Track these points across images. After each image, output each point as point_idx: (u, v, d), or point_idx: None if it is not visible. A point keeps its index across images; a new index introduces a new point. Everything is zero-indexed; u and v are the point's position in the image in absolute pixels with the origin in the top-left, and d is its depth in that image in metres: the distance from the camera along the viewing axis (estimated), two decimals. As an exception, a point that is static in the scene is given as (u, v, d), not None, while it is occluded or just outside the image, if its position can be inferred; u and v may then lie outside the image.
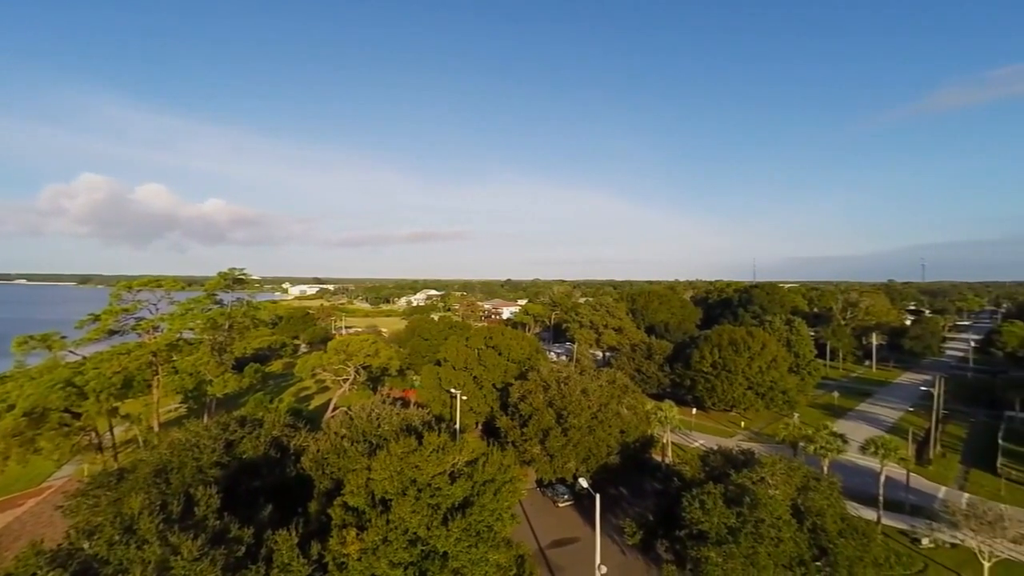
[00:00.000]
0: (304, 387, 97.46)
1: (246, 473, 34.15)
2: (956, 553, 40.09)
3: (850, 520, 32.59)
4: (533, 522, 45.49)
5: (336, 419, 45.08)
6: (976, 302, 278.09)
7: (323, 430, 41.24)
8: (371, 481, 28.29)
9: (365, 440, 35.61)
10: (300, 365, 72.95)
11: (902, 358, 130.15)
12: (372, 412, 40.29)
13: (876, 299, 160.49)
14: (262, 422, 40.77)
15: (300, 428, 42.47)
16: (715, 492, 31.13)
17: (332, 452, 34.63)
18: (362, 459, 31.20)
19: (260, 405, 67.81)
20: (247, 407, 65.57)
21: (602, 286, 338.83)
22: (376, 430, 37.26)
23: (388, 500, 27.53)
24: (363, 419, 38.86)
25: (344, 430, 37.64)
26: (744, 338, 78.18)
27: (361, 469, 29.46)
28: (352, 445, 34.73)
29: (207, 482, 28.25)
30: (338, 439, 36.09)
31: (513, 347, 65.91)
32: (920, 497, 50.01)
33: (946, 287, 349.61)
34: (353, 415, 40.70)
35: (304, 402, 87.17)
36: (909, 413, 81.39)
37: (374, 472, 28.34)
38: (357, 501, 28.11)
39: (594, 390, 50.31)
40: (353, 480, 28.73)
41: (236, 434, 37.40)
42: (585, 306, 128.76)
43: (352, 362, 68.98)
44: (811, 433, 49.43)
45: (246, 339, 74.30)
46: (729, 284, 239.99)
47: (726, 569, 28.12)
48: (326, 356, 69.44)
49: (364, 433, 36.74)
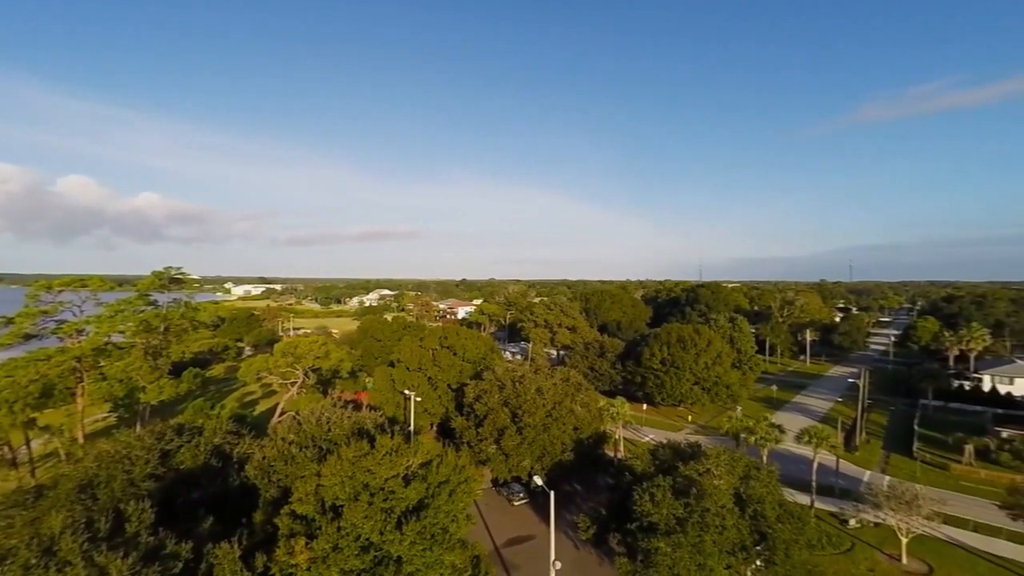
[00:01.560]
0: (249, 392, 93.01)
1: (184, 484, 32.24)
2: (879, 531, 43.45)
3: (787, 506, 34.66)
4: (488, 521, 45.50)
5: (283, 424, 43.29)
6: (896, 300, 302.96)
7: (269, 436, 39.52)
8: (321, 487, 27.39)
9: (314, 445, 34.43)
10: (244, 369, 69.51)
11: (832, 352, 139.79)
12: (322, 416, 39.00)
13: (810, 298, 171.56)
14: (202, 430, 38.58)
15: (244, 435, 40.54)
16: (664, 485, 32.26)
17: (279, 459, 33.26)
18: (311, 465, 30.14)
19: (200, 412, 64.10)
20: (185, 414, 61.86)
21: (556, 286, 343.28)
22: (326, 434, 36.10)
23: (339, 506, 26.75)
24: (312, 423, 37.54)
25: (292, 435, 36.23)
26: (691, 336, 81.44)
27: (310, 475, 28.46)
28: (301, 451, 33.49)
29: (140, 496, 26.43)
30: (285, 445, 34.70)
31: (468, 347, 65.62)
32: (848, 481, 53.82)
33: (870, 286, 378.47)
34: (302, 419, 39.24)
35: (249, 407, 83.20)
36: (838, 403, 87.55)
37: (324, 478, 27.45)
38: (306, 509, 27.14)
39: (548, 388, 50.89)
40: (302, 487, 27.72)
41: (173, 443, 35.21)
42: (540, 305, 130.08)
43: (301, 364, 66.46)
44: (752, 425, 52.20)
45: (184, 342, 69.73)
46: (677, 284, 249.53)
47: (674, 558, 29.20)
48: (272, 359, 66.53)
49: (313, 438, 35.52)
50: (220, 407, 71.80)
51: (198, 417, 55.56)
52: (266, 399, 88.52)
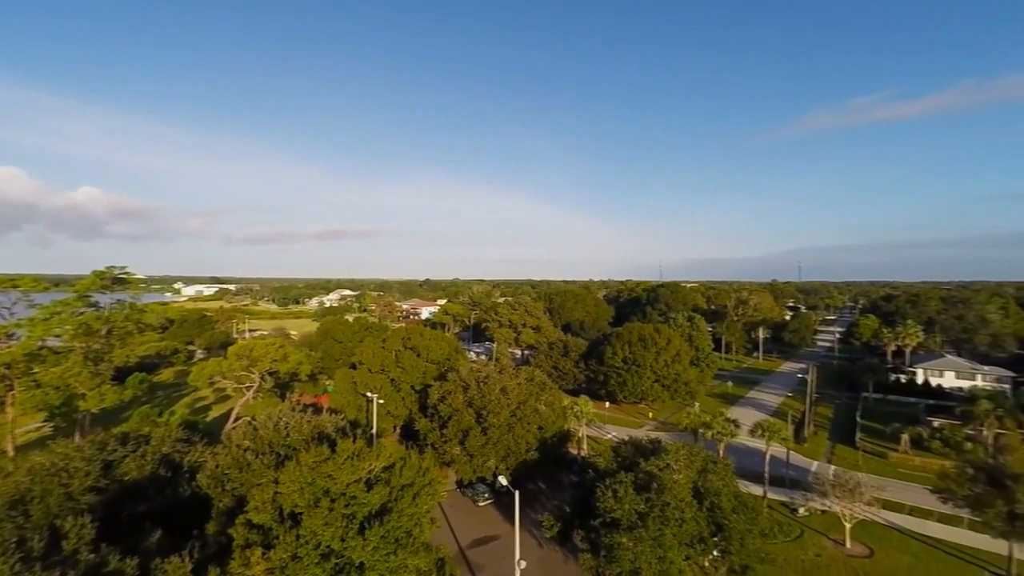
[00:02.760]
0: (200, 397, 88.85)
1: (129, 497, 30.52)
2: (825, 518, 45.86)
3: (742, 497, 36.07)
4: (453, 523, 45.21)
5: (238, 430, 41.60)
6: (840, 299, 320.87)
7: (223, 443, 37.91)
8: (279, 495, 26.51)
9: (272, 451, 33.27)
10: (195, 373, 66.35)
11: (783, 349, 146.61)
12: (280, 421, 37.70)
13: (762, 297, 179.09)
14: (149, 438, 36.64)
15: (195, 443, 38.75)
16: (626, 481, 32.96)
17: (233, 466, 31.96)
18: (268, 472, 29.14)
19: (146, 419, 60.71)
20: (130, 422, 58.44)
21: (521, 286, 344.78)
22: (284, 440, 34.94)
23: (298, 514, 25.96)
24: (269, 429, 36.25)
25: (247, 442, 34.87)
26: (652, 334, 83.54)
27: (267, 483, 27.51)
28: (257, 458, 32.29)
29: (79, 511, 24.84)
30: (240, 452, 33.37)
31: (432, 348, 64.99)
32: (797, 472, 56.53)
33: (817, 286, 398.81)
34: (258, 425, 37.81)
35: (200, 414, 79.48)
36: (789, 398, 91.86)
37: (282, 485, 26.57)
38: (262, 518, 26.20)
39: (513, 388, 51.04)
40: (258, 495, 26.74)
41: (116, 454, 33.27)
42: (504, 305, 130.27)
43: (257, 368, 64.08)
44: (709, 420, 54.06)
45: (129, 346, 65.91)
46: (639, 284, 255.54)
47: (636, 552, 29.87)
48: (226, 362, 63.84)
49: (271, 444, 34.31)
50: (169, 414, 68.28)
51: (145, 425, 52.68)
52: (220, 404, 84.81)
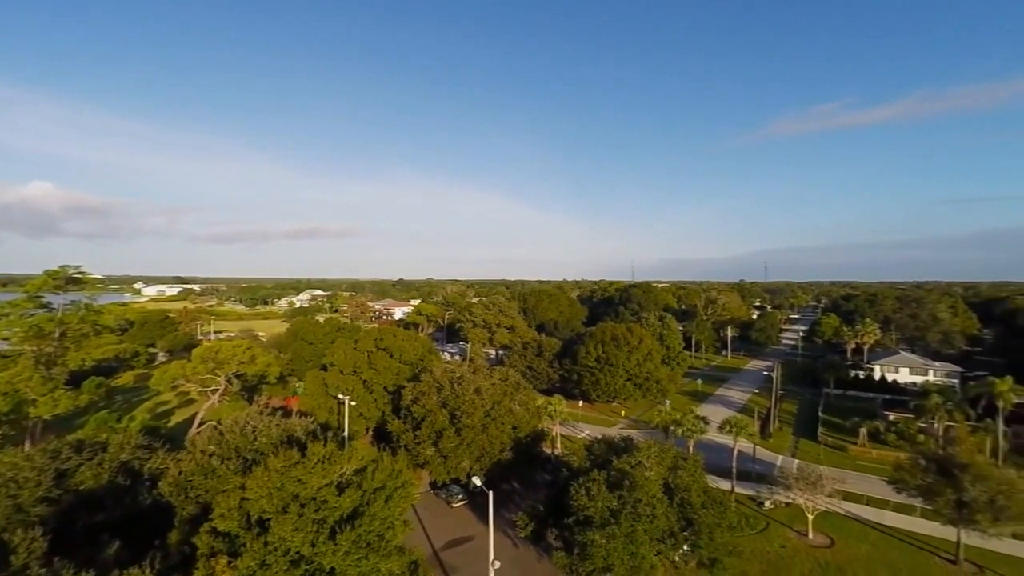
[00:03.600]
0: (163, 401, 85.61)
1: (85, 507, 29.21)
2: (789, 511, 47.45)
3: (710, 492, 37.02)
4: (427, 525, 44.87)
5: (203, 435, 40.29)
6: (804, 299, 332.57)
7: (187, 449, 36.67)
8: (246, 501, 25.79)
9: (238, 456, 32.37)
10: (157, 377, 63.89)
11: (750, 347, 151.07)
12: (247, 425, 36.69)
13: (731, 297, 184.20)
14: (106, 445, 35.15)
15: (157, 449, 37.37)
16: (599, 479, 33.38)
17: (198, 473, 30.94)
18: (235, 477, 28.33)
19: (103, 426, 58.14)
20: (86, 429, 55.86)
21: (495, 286, 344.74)
22: (252, 444, 34.04)
23: (266, 520, 25.32)
24: (236, 433, 35.23)
25: (213, 447, 33.82)
26: (624, 334, 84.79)
27: (233, 489, 26.73)
28: (223, 463, 31.36)
29: (29, 523, 23.66)
30: (205, 458, 32.34)
31: (405, 348, 64.36)
32: (763, 466, 58.32)
33: (782, 286, 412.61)
34: (224, 429, 36.68)
35: (163, 419, 76.60)
36: (755, 395, 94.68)
37: (249, 491, 25.86)
38: (229, 525, 25.45)
39: (487, 389, 51.01)
40: (224, 502, 25.97)
41: (71, 462, 31.80)
42: (478, 306, 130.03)
43: (223, 370, 62.16)
44: (680, 418, 55.28)
45: (84, 349, 62.86)
46: (611, 284, 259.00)
47: (608, 549, 30.29)
48: (190, 365, 61.71)
49: (237, 449, 33.37)
50: (129, 419, 65.67)
51: (102, 431, 50.42)
52: (183, 409, 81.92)
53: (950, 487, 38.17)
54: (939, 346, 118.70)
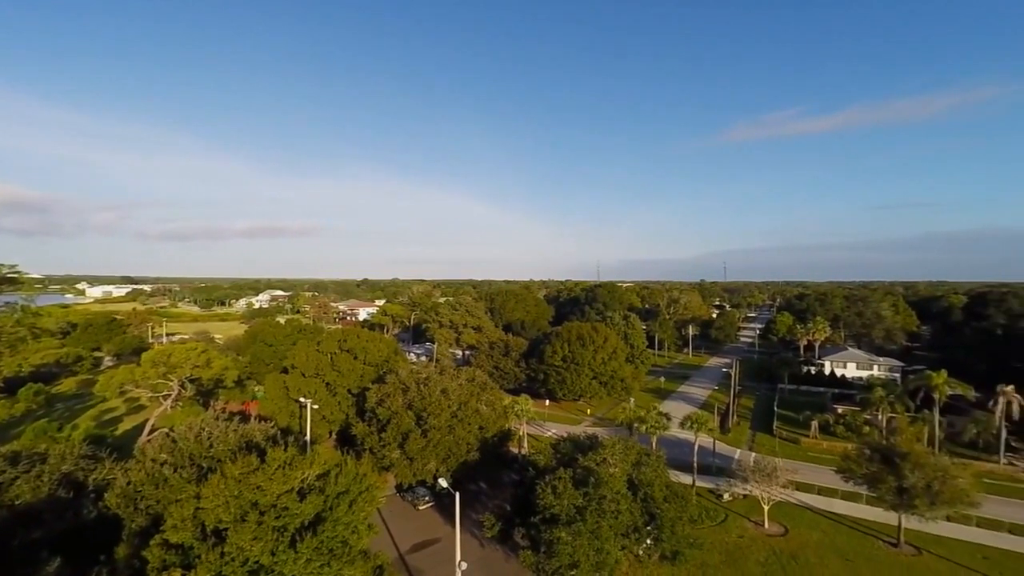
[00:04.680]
0: (109, 408, 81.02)
1: (22, 523, 27.35)
2: (747, 502, 49.31)
3: (673, 487, 38.05)
4: (392, 528, 44.26)
5: (154, 443, 38.34)
6: (760, 298, 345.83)
7: (136, 458, 34.81)
8: (201, 510, 24.78)
9: (193, 464, 31.02)
10: (103, 382, 60.43)
11: (710, 345, 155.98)
12: (202, 431, 35.17)
13: (692, 296, 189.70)
14: (46, 456, 33.03)
15: (103, 459, 35.44)
16: (565, 477, 33.75)
17: (148, 483, 29.49)
18: (189, 486, 27.15)
19: (43, 435, 54.48)
20: (23, 439, 52.23)
21: (462, 286, 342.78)
22: (207, 451, 32.66)
23: (223, 530, 24.39)
24: (190, 440, 33.72)
25: (165, 455, 32.26)
26: (589, 333, 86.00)
27: (187, 498, 25.63)
28: (176, 472, 29.98)
29: (-43, 542, 21.91)
30: (156, 466, 30.84)
31: (370, 350, 63.23)
32: (723, 460, 60.35)
33: (740, 285, 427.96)
34: (177, 436, 35.05)
35: (109, 427, 72.46)
36: (715, 391, 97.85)
37: (204, 500, 24.85)
38: (182, 536, 24.39)
39: (454, 389, 50.74)
40: (176, 512, 24.86)
41: (5, 475, 29.75)
42: (445, 306, 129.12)
43: (176, 375, 59.44)
44: (643, 415, 56.55)
45: (21, 354, 58.95)
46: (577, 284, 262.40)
47: (574, 546, 30.67)
48: (140, 369, 58.69)
49: (192, 456, 31.96)
50: (71, 428, 61.78)
51: (41, 441, 47.24)
52: (132, 416, 77.81)
53: (892, 475, 40.58)
54: (883, 342, 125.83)
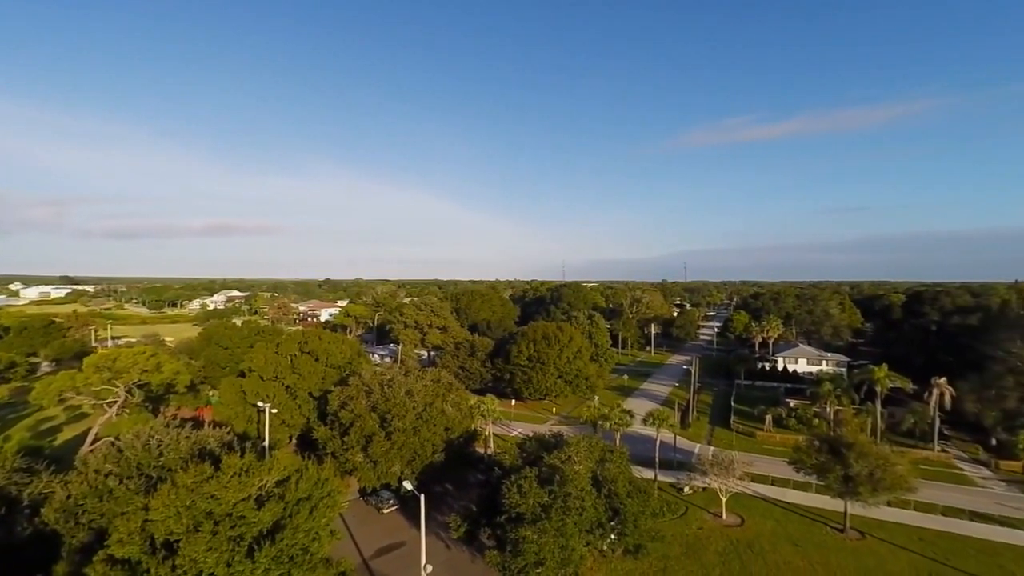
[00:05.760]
0: (47, 417, 75.88)
1: (-55, 543, 25.25)
2: (706, 495, 50.94)
3: (636, 482, 38.92)
4: (356, 533, 43.35)
5: (98, 454, 36.22)
6: (718, 297, 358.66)
7: (77, 470, 32.79)
8: (149, 523, 23.58)
9: (141, 474, 29.51)
10: (40, 390, 56.52)
11: (671, 343, 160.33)
12: (151, 439, 33.50)
13: (654, 296, 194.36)
14: (-27, 471, 30.60)
15: (39, 471, 33.20)
16: (531, 475, 33.96)
17: (91, 495, 27.85)
18: (136, 498, 25.81)
19: (-30, 448, 50.48)
20: (-53, 453, 48.22)
21: (427, 286, 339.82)
22: (157, 460, 31.14)
23: (174, 542, 23.28)
24: (138, 449, 32.06)
25: (110, 466, 30.55)
26: (555, 333, 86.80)
27: (134, 510, 24.34)
28: (121, 483, 28.45)
29: None
30: (100, 478, 29.15)
31: (332, 351, 61.75)
32: (683, 455, 62.15)
33: (700, 285, 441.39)
34: (123, 445, 33.24)
35: (47, 437, 67.80)
36: (676, 387, 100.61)
37: (154, 511, 23.67)
38: (129, 551, 23.12)
39: (419, 390, 50.20)
40: (123, 525, 23.56)
41: (-74, 492, 27.34)
42: (410, 306, 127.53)
43: (122, 380, 56.28)
44: (607, 412, 57.52)
45: (-56, 360, 54.36)
46: (543, 284, 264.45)
47: (540, 544, 30.90)
48: (81, 375, 55.23)
49: (139, 466, 30.40)
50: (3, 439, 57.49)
51: (-32, 455, 43.75)
52: (73, 425, 73.19)
53: (839, 464, 42.83)
54: (831, 339, 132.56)
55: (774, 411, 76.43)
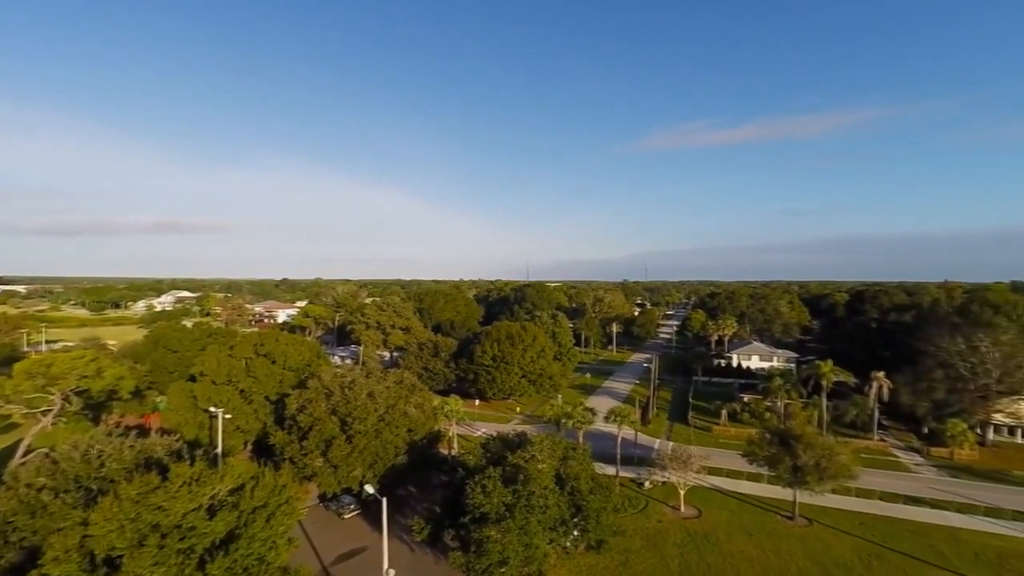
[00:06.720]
0: (-29, 429, 70.08)
1: None
2: (665, 489, 52.40)
3: (598, 479, 39.61)
4: (316, 540, 42.17)
5: (30, 466, 33.75)
6: (677, 296, 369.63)
7: (6, 484, 30.45)
8: (89, 538, 22.20)
9: (79, 487, 27.74)
10: (-38, 399, 52.21)
11: (633, 342, 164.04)
12: (90, 449, 31.50)
13: (616, 296, 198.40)
14: None
15: (-40, 487, 30.49)
16: (495, 475, 34.00)
17: (21, 512, 25.95)
18: (74, 512, 24.26)
19: None
20: None
21: (390, 286, 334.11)
22: (97, 472, 29.33)
23: (117, 557, 22.00)
24: (75, 460, 30.08)
25: (43, 479, 28.53)
26: (519, 332, 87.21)
27: (72, 526, 22.87)
28: (57, 497, 26.63)
29: None
30: (32, 493, 27.20)
31: (290, 353, 59.87)
32: (644, 450, 63.70)
33: (660, 285, 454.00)
34: (59, 457, 31.11)
35: (-29, 449, 62.67)
36: (637, 385, 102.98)
37: (94, 526, 22.30)
38: (66, 569, 21.70)
39: (381, 392, 49.37)
40: (58, 542, 22.09)
41: None
42: (372, 306, 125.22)
43: (58, 387, 52.71)
44: (570, 411, 58.27)
45: None
46: (507, 283, 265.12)
47: (504, 543, 30.98)
48: (11, 382, 51.40)
49: (78, 478, 28.55)
50: (-81, 454, 52.81)
51: None
52: (1, 436, 67.87)
53: (788, 455, 44.98)
54: (781, 336, 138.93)
55: (729, 406, 79.46)
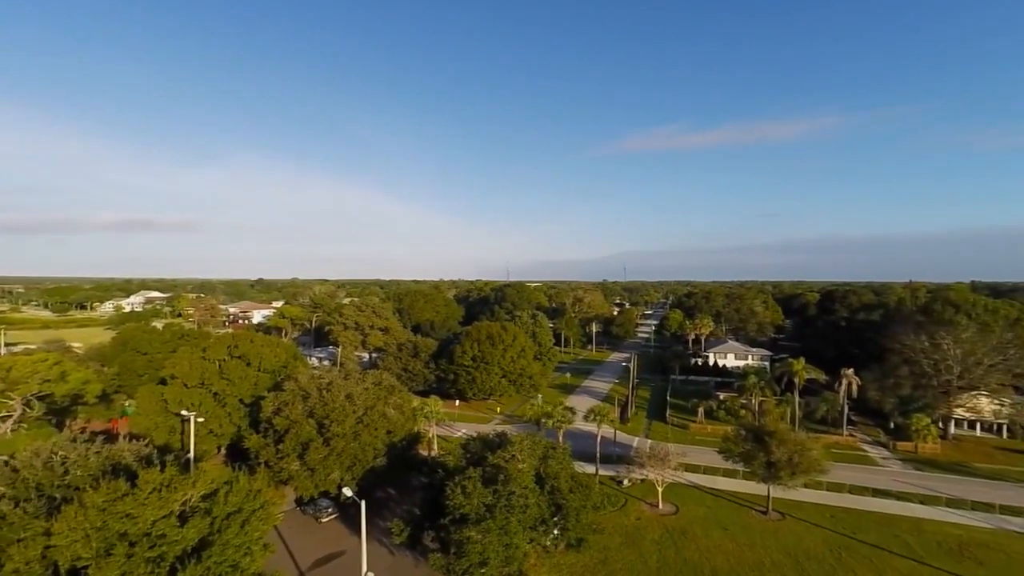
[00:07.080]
0: (-77, 436, 66.63)
1: None
2: (644, 486, 53.05)
3: (578, 477, 39.83)
4: (292, 545, 41.38)
5: (-13, 475, 32.31)
6: (655, 296, 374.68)
7: (-39, 494, 29.07)
8: (52, 549, 21.35)
9: (41, 496, 26.64)
10: (-87, 405, 49.69)
11: (612, 341, 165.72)
12: (53, 456, 30.29)
13: (595, 296, 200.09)
14: None
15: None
16: (475, 476, 33.90)
17: (-21, 522, 24.76)
18: (35, 522, 23.29)
19: None
20: None
21: (368, 286, 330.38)
22: (61, 479, 28.22)
23: (82, 568, 21.22)
24: (37, 468, 28.88)
25: (2, 488, 27.32)
26: (499, 332, 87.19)
27: (33, 536, 21.98)
28: (18, 507, 25.52)
29: None
30: (-9, 502, 26.00)
31: (265, 355, 58.61)
32: (623, 448, 64.37)
33: (638, 285, 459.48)
34: (19, 464, 29.83)
35: (-77, 458, 59.65)
36: (616, 384, 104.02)
37: (57, 536, 21.47)
38: (27, 581, 20.82)
39: (359, 394, 48.71)
40: (18, 554, 21.21)
41: None
42: (350, 307, 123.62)
43: (18, 392, 50.62)
44: (550, 410, 58.54)
45: None
46: (487, 284, 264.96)
47: (484, 544, 30.93)
48: (-33, 388, 49.09)
49: (40, 487, 27.42)
50: None
51: None
52: (-44, 443, 64.76)
53: (762, 451, 46.02)
54: (756, 334, 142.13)
55: (706, 404, 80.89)
